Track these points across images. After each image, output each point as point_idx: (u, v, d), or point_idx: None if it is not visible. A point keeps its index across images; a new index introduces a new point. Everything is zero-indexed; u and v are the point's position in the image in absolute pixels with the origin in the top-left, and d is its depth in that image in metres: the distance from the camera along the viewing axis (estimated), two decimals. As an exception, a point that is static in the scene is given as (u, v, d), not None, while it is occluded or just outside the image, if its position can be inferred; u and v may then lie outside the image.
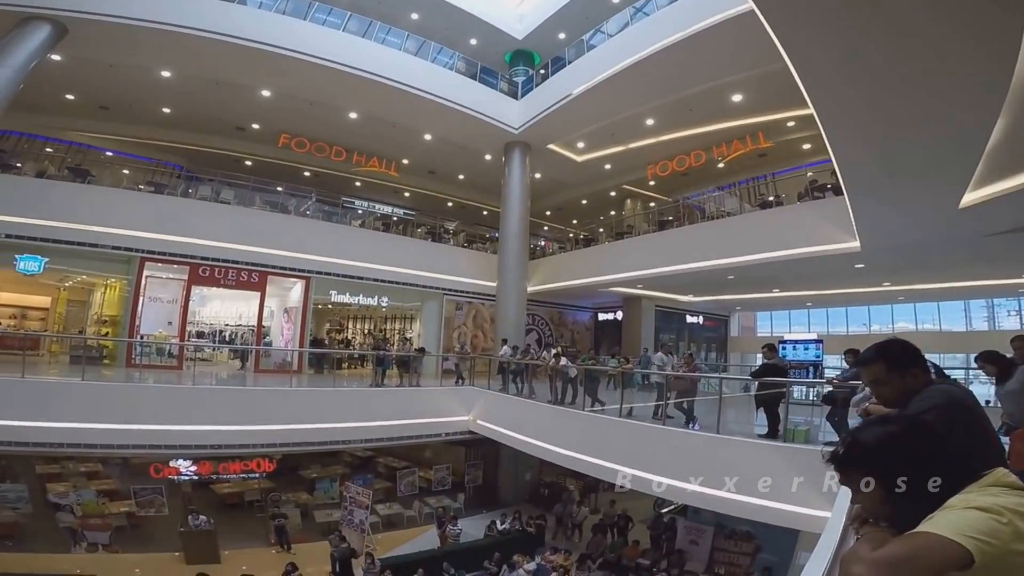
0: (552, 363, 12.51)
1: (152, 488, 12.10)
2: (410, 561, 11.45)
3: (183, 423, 10.99)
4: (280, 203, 17.21)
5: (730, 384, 14.06)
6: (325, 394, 13.48)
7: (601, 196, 22.49)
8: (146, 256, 14.24)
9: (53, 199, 13.20)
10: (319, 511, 13.98)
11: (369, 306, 18.75)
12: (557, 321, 22.79)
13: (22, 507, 11.56)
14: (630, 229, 18.86)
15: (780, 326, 25.15)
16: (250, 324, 16.52)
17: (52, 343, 14.17)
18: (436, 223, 20.26)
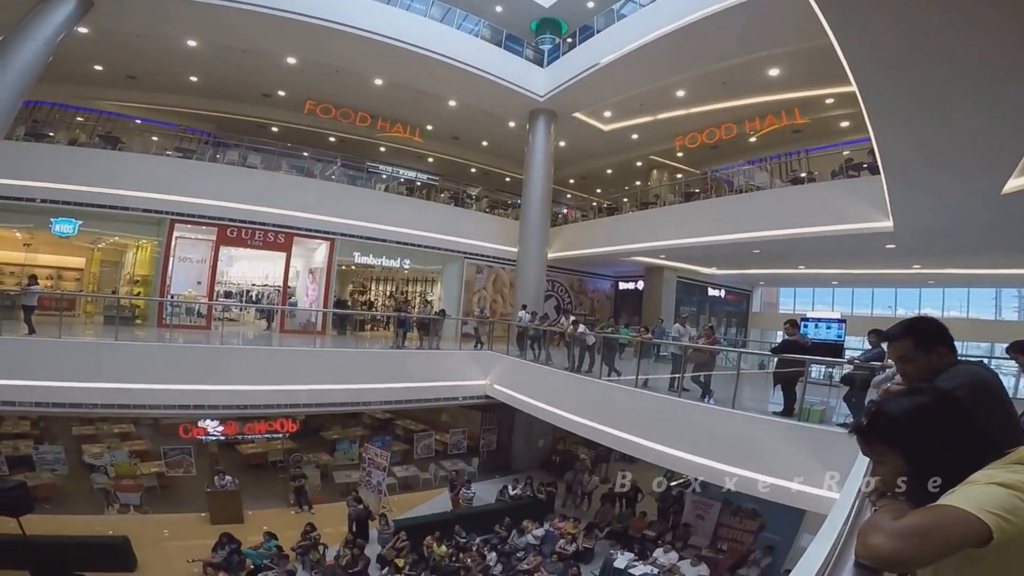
0: (570, 330, 12.31)
1: (181, 449, 12.36)
2: (423, 523, 11.64)
3: (211, 383, 11.21)
4: (306, 168, 17.21)
5: (747, 360, 13.67)
6: (347, 355, 13.56)
7: (626, 166, 21.92)
8: (176, 218, 14.46)
9: (85, 165, 13.43)
10: (339, 472, 14.22)
11: (392, 268, 18.88)
12: (577, 288, 22.51)
13: (59, 469, 11.85)
14: (656, 199, 18.37)
15: (803, 303, 24.43)
16: (276, 284, 16.70)
17: (87, 303, 14.50)
18: (459, 188, 20.13)
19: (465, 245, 18.52)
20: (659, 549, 10.49)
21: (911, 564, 1.14)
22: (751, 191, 14.72)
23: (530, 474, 14.61)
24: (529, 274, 17.41)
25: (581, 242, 18.59)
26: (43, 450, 11.85)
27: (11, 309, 11.02)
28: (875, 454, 1.36)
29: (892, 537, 1.08)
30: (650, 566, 9.99)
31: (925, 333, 2.07)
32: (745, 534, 10.92)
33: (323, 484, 13.66)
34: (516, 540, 11.42)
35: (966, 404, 1.31)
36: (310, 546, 10.50)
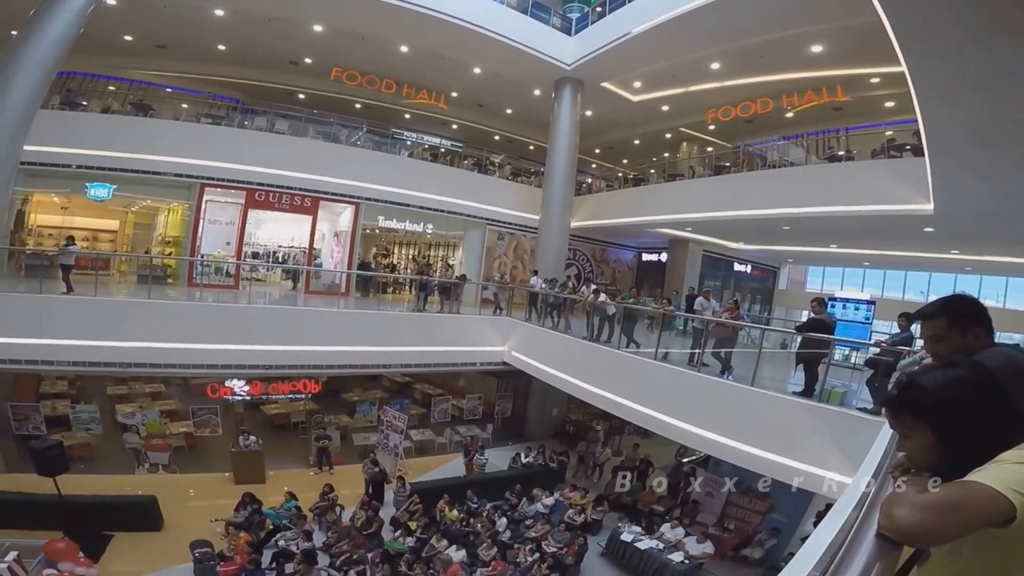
0: (591, 299, 11.98)
1: (208, 408, 12.54)
2: (437, 487, 11.67)
3: (238, 343, 11.35)
4: (332, 133, 17.12)
5: (769, 338, 13.30)
6: (370, 317, 13.56)
7: (655, 137, 21.13)
8: (206, 182, 14.65)
9: (118, 132, 13.60)
10: (357, 434, 14.37)
11: (415, 232, 18.90)
12: (599, 258, 22.05)
13: (94, 428, 12.07)
14: (685, 172, 17.74)
15: (832, 283, 23.41)
16: (302, 246, 16.86)
17: (121, 263, 14.82)
18: (483, 155, 19.80)
19: (487, 211, 18.28)
20: (666, 524, 10.33)
21: (933, 538, 1.10)
22: (785, 167, 14.05)
23: (543, 443, 14.52)
24: (551, 242, 17.11)
25: (605, 212, 18.13)
26: (79, 409, 12.08)
27: (50, 269, 11.27)
28: (903, 428, 1.28)
29: (917, 510, 1.05)
30: (656, 540, 9.86)
31: (961, 312, 1.93)
32: (753, 514, 10.67)
33: (342, 446, 13.81)
34: (526, 508, 11.40)
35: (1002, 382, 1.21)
36: (328, 507, 10.63)
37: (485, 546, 9.66)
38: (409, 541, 9.73)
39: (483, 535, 10.06)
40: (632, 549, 9.81)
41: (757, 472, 8.13)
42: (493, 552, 9.57)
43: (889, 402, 1.30)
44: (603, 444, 14.68)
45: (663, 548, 9.64)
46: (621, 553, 10.02)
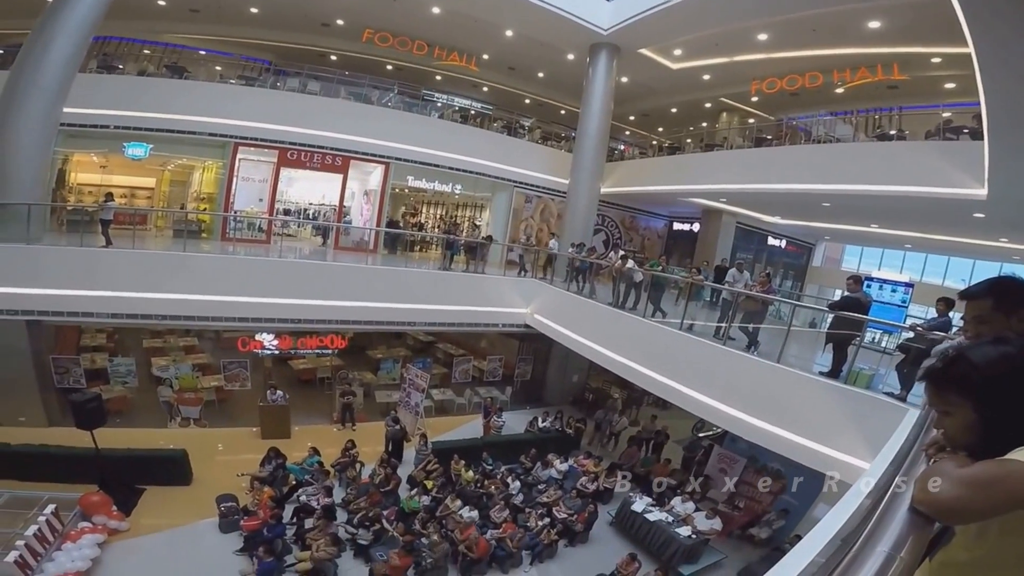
0: (618, 265, 11.66)
1: (238, 362, 12.75)
2: (454, 447, 11.68)
3: (270, 296, 11.49)
4: (364, 94, 16.92)
5: (799, 316, 12.80)
6: (397, 274, 13.57)
7: (694, 106, 20.13)
8: (239, 141, 14.79)
9: (154, 94, 13.73)
10: (380, 391, 14.47)
11: (443, 192, 18.78)
12: (628, 225, 21.48)
13: (130, 382, 12.31)
14: (723, 142, 16.93)
15: (870, 263, 22.30)
16: (332, 204, 16.95)
17: (158, 218, 15.08)
18: (513, 118, 19.33)
19: (515, 174, 17.97)
20: (677, 498, 10.17)
21: (968, 514, 1.06)
22: (830, 143, 13.25)
23: (561, 408, 14.42)
24: (579, 207, 16.72)
25: (637, 179, 17.52)
26: (117, 362, 12.34)
27: (90, 224, 11.58)
28: (943, 404, 1.22)
29: (955, 484, 1.04)
30: (666, 513, 9.73)
31: (1009, 294, 1.85)
32: (765, 494, 10.38)
33: (365, 403, 13.94)
34: (539, 472, 11.36)
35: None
36: (348, 463, 10.69)
37: (497, 508, 9.70)
38: (424, 500, 9.79)
39: (496, 497, 10.07)
40: (641, 520, 9.72)
41: (773, 451, 7.88)
42: (505, 514, 9.59)
43: (932, 375, 1.23)
44: (621, 413, 14.49)
45: (672, 521, 9.52)
46: (630, 523, 9.95)
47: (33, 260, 9.99)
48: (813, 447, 7.06)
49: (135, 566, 7.82)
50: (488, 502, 9.93)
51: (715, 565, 9.27)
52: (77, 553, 7.51)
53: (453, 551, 8.59)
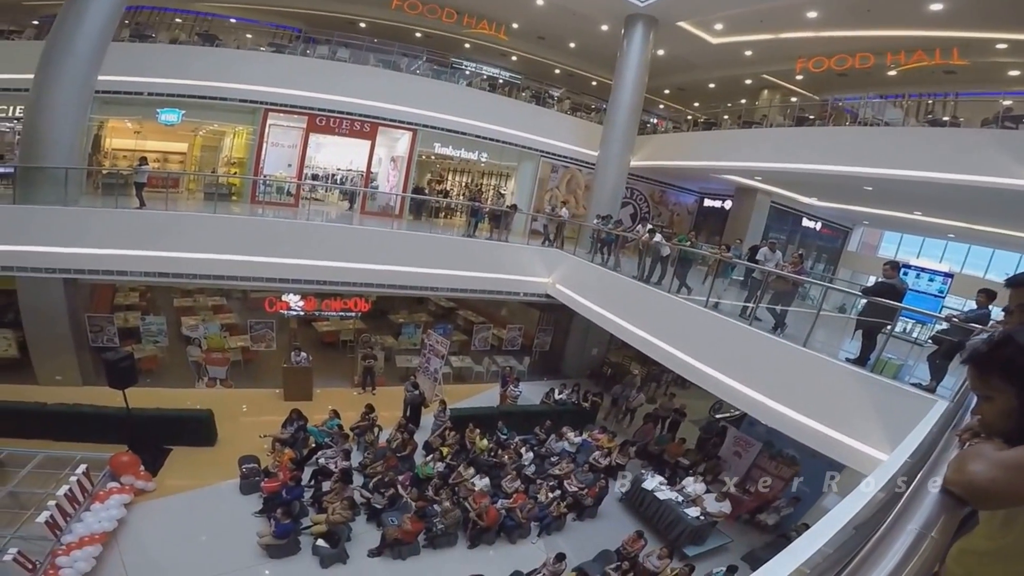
0: (645, 238, 11.34)
1: (265, 323, 12.92)
2: (469, 415, 11.68)
3: (297, 257, 11.59)
4: (393, 61, 16.70)
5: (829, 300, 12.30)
6: (421, 239, 13.55)
7: (733, 82, 19.20)
8: (269, 107, 14.84)
9: (186, 61, 13.80)
10: (401, 356, 14.58)
11: (469, 160, 18.58)
12: (657, 199, 20.89)
13: (161, 341, 12.54)
14: (763, 120, 16.20)
15: (908, 251, 21.21)
16: (359, 169, 16.96)
17: (190, 181, 15.29)
18: (542, 88, 18.85)
19: (542, 144, 17.62)
20: (689, 478, 10.02)
21: (1002, 498, 1.04)
22: (877, 126, 12.57)
23: (578, 381, 14.29)
24: (608, 178, 16.30)
25: (669, 153, 16.93)
26: (149, 321, 12.59)
27: (124, 187, 11.83)
28: (986, 388, 1.19)
29: (993, 467, 1.02)
30: (676, 493, 9.61)
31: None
32: (777, 480, 10.12)
33: (386, 367, 14.04)
34: (553, 444, 11.30)
35: None
36: (367, 427, 10.74)
37: (509, 478, 9.71)
38: (439, 467, 9.84)
39: (509, 467, 10.08)
40: (651, 498, 9.62)
41: (790, 437, 7.67)
42: (516, 485, 9.59)
43: (977, 357, 1.18)
44: (638, 390, 14.28)
45: (681, 501, 9.39)
46: (640, 500, 9.87)
47: (70, 221, 10.25)
48: (832, 435, 6.85)
49: (157, 528, 7.97)
50: (500, 472, 9.92)
51: (720, 548, 9.16)
52: (104, 514, 7.62)
53: (464, 518, 8.64)
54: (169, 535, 7.85)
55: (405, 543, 8.05)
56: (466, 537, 8.62)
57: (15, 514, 7.31)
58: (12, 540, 6.73)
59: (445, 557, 8.29)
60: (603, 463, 10.68)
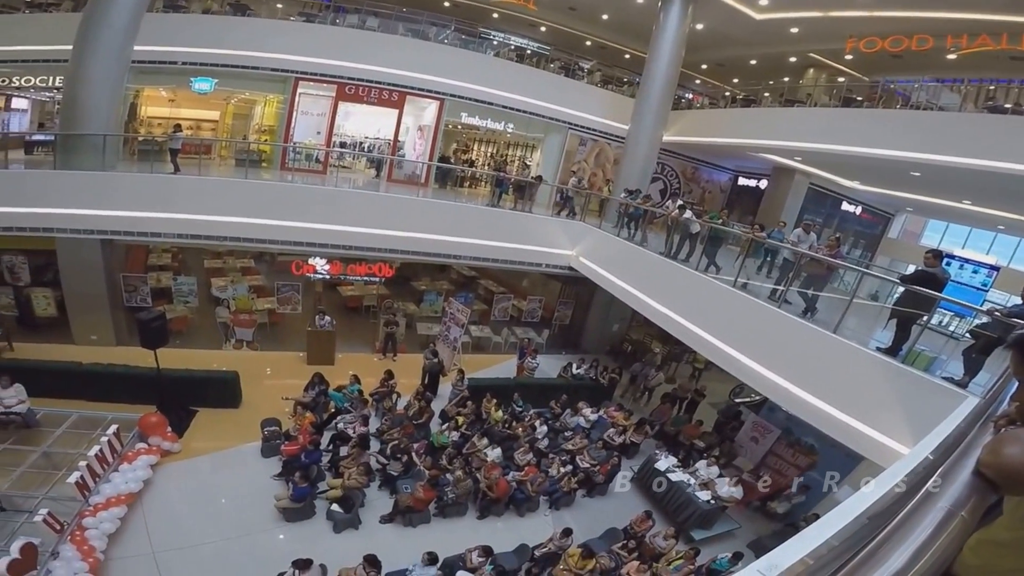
0: (675, 214, 11.00)
1: (291, 285, 13.09)
2: (486, 385, 11.60)
3: (324, 222, 11.74)
4: (421, 31, 16.44)
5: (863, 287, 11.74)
6: (446, 207, 13.47)
7: (776, 59, 18.07)
8: (299, 76, 14.83)
9: (219, 31, 13.85)
10: (422, 323, 14.60)
11: (495, 131, 18.32)
12: (689, 176, 20.23)
13: (192, 301, 12.81)
14: (807, 99, 15.39)
15: (953, 241, 20.13)
16: (387, 138, 16.94)
17: (222, 148, 15.47)
18: (571, 60, 18.31)
19: (570, 116, 17.22)
20: (703, 461, 9.81)
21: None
22: (931, 110, 11.79)
23: (597, 357, 14.10)
24: (638, 153, 15.83)
25: (705, 129, 16.31)
26: (180, 282, 12.88)
27: (159, 153, 12.09)
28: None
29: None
30: (688, 475, 9.43)
31: None
32: (793, 468, 9.82)
33: (406, 334, 14.09)
34: (568, 419, 11.19)
35: None
36: (386, 393, 10.74)
37: (522, 450, 9.66)
38: (454, 436, 9.85)
39: (522, 439, 10.03)
40: (663, 478, 9.47)
41: (810, 425, 7.41)
42: (528, 457, 9.55)
43: (1022, 342, 1.22)
44: (658, 368, 13.98)
45: (694, 484, 9.21)
46: (651, 480, 9.72)
47: (108, 185, 10.55)
48: (854, 425, 6.61)
49: (180, 490, 8.08)
50: (513, 444, 9.88)
51: (727, 534, 8.98)
52: (131, 475, 7.71)
53: (475, 489, 8.66)
54: (191, 497, 7.97)
55: (416, 511, 8.12)
56: (476, 508, 8.66)
57: (48, 474, 7.53)
58: (43, 501, 6.91)
59: (454, 526, 8.34)
60: (617, 441, 10.57)
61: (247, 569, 6.90)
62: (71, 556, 6.25)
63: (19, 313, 11.53)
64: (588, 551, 7.16)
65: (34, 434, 8.36)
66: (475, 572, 6.91)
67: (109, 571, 6.54)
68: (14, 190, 10.03)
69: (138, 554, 6.89)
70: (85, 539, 6.53)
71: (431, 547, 7.06)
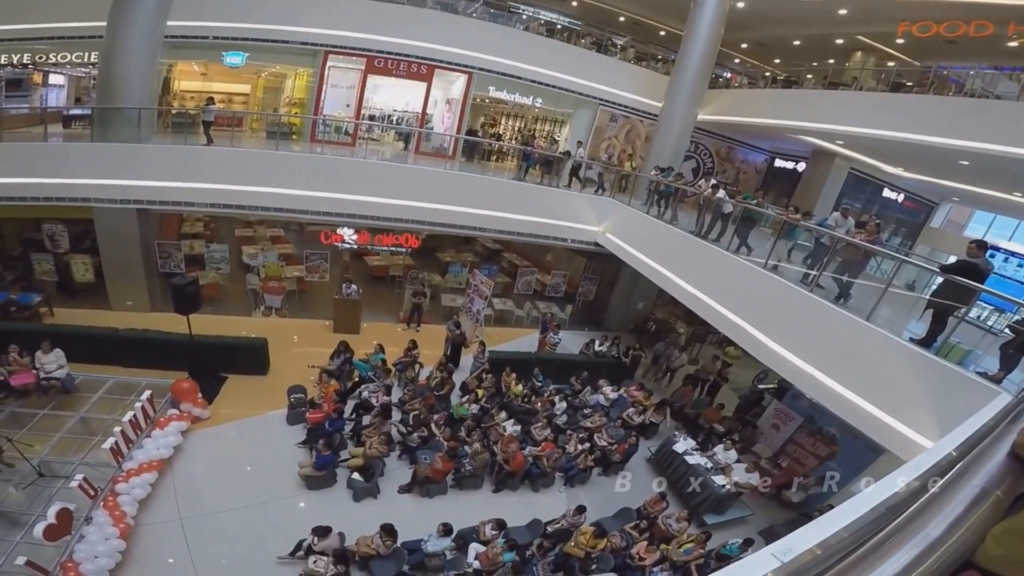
0: (708, 193, 10.71)
1: (319, 254, 13.27)
2: (507, 359, 11.59)
3: (352, 193, 11.88)
4: (450, 4, 16.12)
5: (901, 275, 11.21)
6: (472, 180, 13.46)
7: (822, 41, 17.21)
8: (329, 49, 14.81)
9: (250, 6, 13.76)
10: (446, 294, 14.67)
11: (523, 105, 18.05)
12: (723, 155, 19.66)
13: (223, 268, 13.06)
14: (852, 82, 14.64)
15: (1000, 233, 19.01)
16: (415, 111, 16.91)
17: (253, 120, 15.65)
18: (604, 36, 17.78)
19: (601, 91, 16.85)
20: (721, 445, 9.64)
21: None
22: (987, 98, 11.13)
23: (620, 335, 13.93)
24: (671, 131, 15.38)
25: (743, 109, 15.73)
26: (212, 249, 13.12)
27: (192, 126, 12.28)
28: None
29: None
30: (706, 458, 9.31)
31: None
32: (812, 457, 9.57)
33: (430, 305, 14.15)
34: (588, 396, 11.15)
35: None
36: (409, 363, 10.82)
37: (540, 426, 9.63)
38: (473, 408, 9.88)
39: (540, 415, 10.02)
40: (680, 460, 9.39)
41: (833, 414, 7.22)
42: (546, 433, 9.53)
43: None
44: (681, 349, 13.74)
45: (711, 468, 9.10)
46: (668, 462, 9.65)
47: (143, 157, 10.80)
48: (879, 416, 6.41)
49: (208, 456, 8.21)
50: (532, 419, 9.86)
51: (740, 520, 8.88)
52: (163, 440, 7.82)
53: (492, 462, 8.72)
54: (218, 464, 8.11)
55: (434, 481, 8.23)
56: (491, 481, 8.73)
57: (84, 440, 7.74)
58: (79, 467, 7.12)
59: (470, 499, 8.44)
60: (636, 421, 10.48)
61: (269, 536, 7.02)
62: (103, 521, 6.38)
63: (59, 279, 11.98)
64: (601, 530, 7.16)
65: (72, 399, 8.60)
66: (488, 545, 7.01)
67: (138, 536, 6.70)
68: (54, 162, 10.37)
69: (166, 520, 7.05)
70: (117, 504, 6.67)
71: (446, 518, 7.16)
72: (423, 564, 6.87)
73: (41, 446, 7.46)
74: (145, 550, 6.59)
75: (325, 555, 6.49)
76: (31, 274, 11.76)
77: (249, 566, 6.67)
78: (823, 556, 1.30)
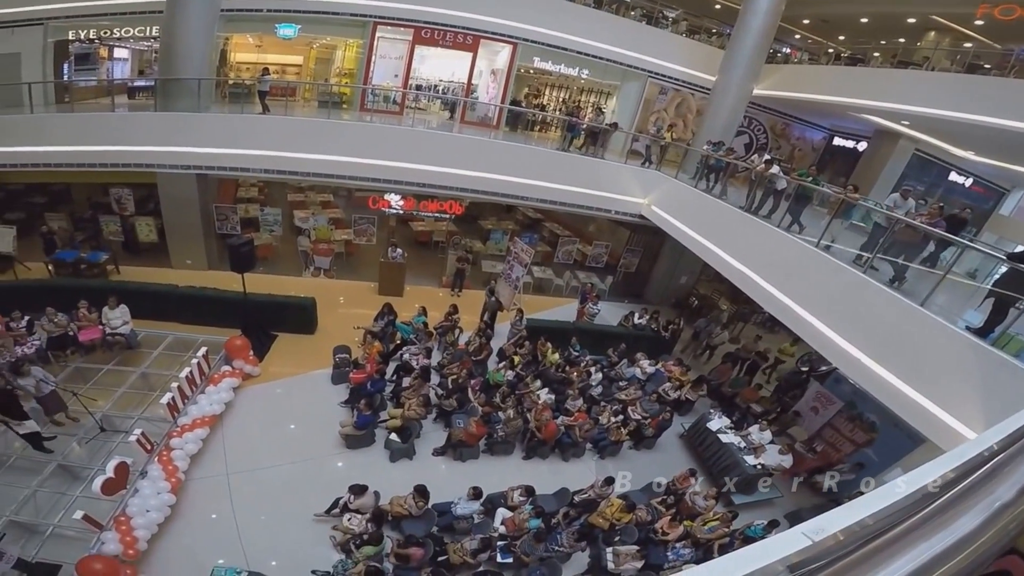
0: (760, 168, 10.31)
1: (367, 219, 13.52)
2: (544, 328, 11.51)
3: (399, 160, 12.10)
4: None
5: (962, 262, 10.50)
6: (516, 149, 13.49)
7: (892, 19, 16.04)
8: (378, 20, 14.90)
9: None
10: (486, 261, 14.78)
11: (568, 76, 17.67)
12: (779, 132, 18.76)
13: (276, 230, 13.46)
14: (923, 62, 13.62)
15: (1077, 224, 17.53)
16: (460, 81, 16.94)
17: (306, 90, 15.95)
18: (655, 8, 17.04)
19: (651, 64, 16.37)
20: (756, 426, 9.36)
21: None
22: None
23: (660, 308, 13.69)
24: (724, 105, 14.82)
25: (803, 85, 14.96)
26: (266, 212, 13.50)
27: (248, 96, 12.66)
28: None
29: None
30: (739, 438, 9.09)
31: None
32: (848, 443, 9.17)
33: (471, 271, 14.18)
34: (624, 369, 10.98)
35: None
36: (449, 327, 10.87)
37: (573, 395, 9.56)
38: (509, 375, 9.89)
39: (575, 384, 9.91)
40: (713, 438, 9.22)
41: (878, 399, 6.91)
42: (579, 403, 9.44)
43: None
44: (723, 327, 13.30)
45: (743, 448, 8.89)
46: (701, 439, 9.50)
47: (203, 125, 11.25)
48: (925, 404, 6.17)
49: (256, 413, 8.39)
50: (566, 388, 9.78)
51: (768, 502, 8.66)
52: (216, 396, 7.92)
53: (524, 429, 8.76)
54: (264, 421, 8.29)
55: (468, 445, 8.32)
56: (523, 448, 8.78)
57: (143, 395, 8.04)
58: (138, 421, 7.39)
59: (500, 464, 8.52)
60: (672, 396, 10.29)
61: (308, 493, 7.11)
62: (157, 476, 6.49)
63: (125, 239, 12.74)
64: (630, 503, 7.16)
65: (134, 355, 8.99)
66: (515, 510, 7.08)
67: (187, 491, 6.87)
68: (120, 131, 10.94)
69: (214, 475, 7.22)
70: (170, 459, 6.80)
71: (477, 482, 7.28)
72: (451, 526, 6.98)
73: (104, 401, 7.69)
74: (191, 505, 6.75)
75: (360, 513, 6.65)
76: (100, 234, 12.51)
77: (287, 523, 6.78)
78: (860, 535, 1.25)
